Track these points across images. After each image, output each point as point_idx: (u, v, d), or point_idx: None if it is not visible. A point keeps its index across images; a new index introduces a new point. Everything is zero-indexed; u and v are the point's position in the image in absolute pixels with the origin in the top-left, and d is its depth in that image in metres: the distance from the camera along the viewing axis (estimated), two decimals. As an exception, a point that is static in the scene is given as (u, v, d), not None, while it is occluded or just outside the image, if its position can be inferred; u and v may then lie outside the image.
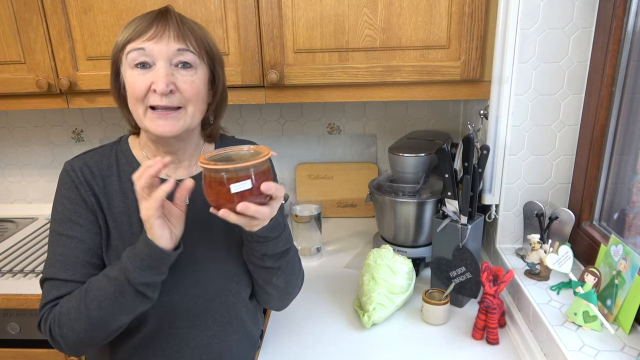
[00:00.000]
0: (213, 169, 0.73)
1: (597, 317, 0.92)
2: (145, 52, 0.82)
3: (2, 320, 1.31)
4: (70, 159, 0.92)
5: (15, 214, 1.82)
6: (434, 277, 1.20)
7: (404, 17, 1.21)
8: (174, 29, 0.84)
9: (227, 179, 0.73)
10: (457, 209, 1.14)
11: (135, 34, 0.83)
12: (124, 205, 0.89)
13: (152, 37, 0.83)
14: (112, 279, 0.79)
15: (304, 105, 1.70)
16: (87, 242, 0.87)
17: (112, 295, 0.79)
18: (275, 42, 1.26)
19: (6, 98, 1.39)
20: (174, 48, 0.83)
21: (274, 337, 1.09)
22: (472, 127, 1.36)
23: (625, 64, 1.05)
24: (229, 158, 0.79)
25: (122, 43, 0.85)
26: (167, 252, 0.78)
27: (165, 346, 0.92)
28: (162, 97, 0.83)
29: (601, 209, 1.15)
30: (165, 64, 0.83)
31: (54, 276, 0.85)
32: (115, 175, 0.91)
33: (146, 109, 0.85)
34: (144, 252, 0.78)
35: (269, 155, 0.77)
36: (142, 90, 0.83)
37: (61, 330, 0.82)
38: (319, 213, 1.44)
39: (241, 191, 0.74)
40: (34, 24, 1.29)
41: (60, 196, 0.89)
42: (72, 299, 0.82)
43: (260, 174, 0.75)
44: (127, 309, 0.81)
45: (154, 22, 0.84)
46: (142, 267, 0.78)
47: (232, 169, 0.73)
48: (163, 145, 0.91)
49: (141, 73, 0.83)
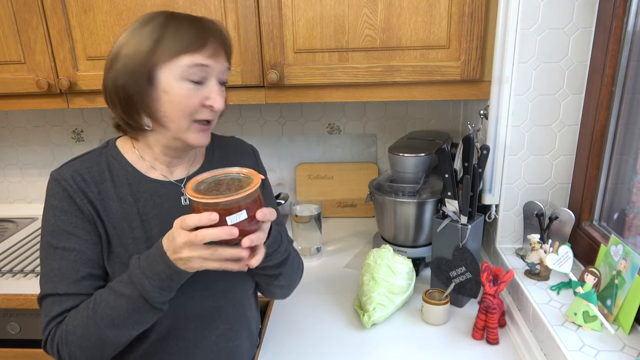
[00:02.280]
0: (205, 203, 0.70)
1: (597, 317, 0.92)
2: (206, 69, 0.82)
3: (2, 320, 1.31)
4: (57, 168, 0.87)
5: (15, 214, 1.82)
6: (434, 277, 1.20)
7: (404, 17, 1.21)
8: (225, 46, 0.85)
9: (221, 211, 0.70)
10: (457, 209, 1.14)
11: (193, 46, 0.80)
12: (122, 210, 0.86)
13: (212, 54, 0.82)
14: (124, 295, 0.77)
15: (304, 105, 1.70)
16: (86, 253, 0.83)
17: (125, 312, 0.77)
18: (275, 42, 1.26)
19: (6, 98, 1.39)
20: (224, 67, 0.85)
21: (274, 337, 1.09)
22: (472, 127, 1.36)
23: (625, 64, 1.05)
24: (217, 182, 0.76)
25: (174, 51, 0.79)
26: (189, 273, 0.77)
27: (174, 348, 0.91)
28: (213, 113, 0.85)
29: (601, 209, 1.15)
30: (217, 81, 0.84)
31: (53, 291, 0.81)
32: (109, 180, 0.87)
33: (191, 122, 0.84)
34: (164, 273, 0.75)
35: (259, 182, 0.74)
36: (195, 105, 0.83)
37: (69, 348, 0.79)
38: (319, 213, 1.44)
39: (237, 222, 0.71)
40: (34, 24, 1.29)
41: (51, 207, 0.84)
42: (78, 317, 0.79)
43: (254, 202, 0.73)
44: (141, 323, 0.80)
45: (208, 36, 0.82)
46: (162, 287, 0.76)
47: (226, 202, 0.69)
48: (180, 151, 0.90)
49: (196, 88, 0.82)
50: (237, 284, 0.95)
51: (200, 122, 0.85)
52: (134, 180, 0.89)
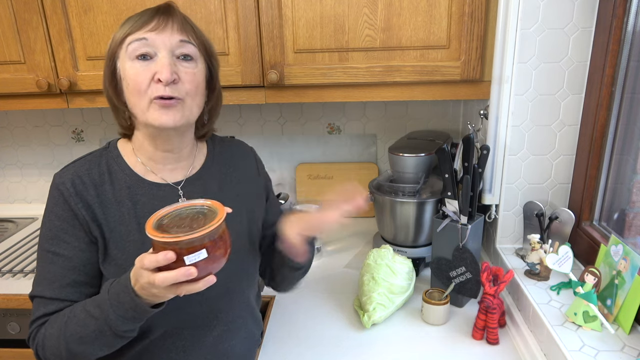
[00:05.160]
0: (164, 242, 0.67)
1: (597, 317, 0.92)
2: (147, 42, 0.81)
3: (2, 320, 1.31)
4: (60, 170, 0.89)
5: (15, 214, 1.82)
6: (434, 277, 1.20)
7: (404, 17, 1.21)
8: (177, 21, 0.84)
9: (179, 250, 0.67)
10: (457, 209, 1.14)
11: (136, 26, 0.82)
12: (119, 213, 0.87)
13: (154, 27, 0.82)
14: (92, 317, 0.77)
15: (304, 105, 1.70)
16: (73, 260, 0.84)
17: (92, 333, 0.77)
18: (275, 42, 1.26)
19: (6, 98, 1.39)
20: (177, 39, 0.83)
21: (274, 337, 1.09)
22: (472, 127, 1.36)
23: (625, 64, 1.05)
24: (182, 216, 0.73)
25: (121, 37, 0.83)
26: (153, 310, 0.76)
27: (171, 347, 0.91)
28: (167, 87, 0.81)
29: (601, 209, 1.15)
30: (168, 54, 0.82)
31: (41, 294, 0.84)
32: (108, 183, 0.88)
33: (150, 101, 0.82)
34: (128, 304, 0.74)
35: (223, 216, 0.71)
36: (145, 81, 0.81)
37: (44, 352, 0.82)
38: (319, 213, 1.44)
39: (196, 262, 0.68)
40: (34, 24, 1.28)
41: (48, 212, 0.86)
42: (54, 326, 0.81)
43: (219, 238, 0.70)
44: (107, 346, 0.80)
45: (156, 14, 0.83)
46: (127, 316, 0.75)
47: (185, 241, 0.66)
48: (162, 140, 0.89)
49: (143, 65, 0.82)
50: (233, 285, 0.95)
51: (158, 99, 0.82)
52: (132, 183, 0.89)
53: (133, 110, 0.85)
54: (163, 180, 0.91)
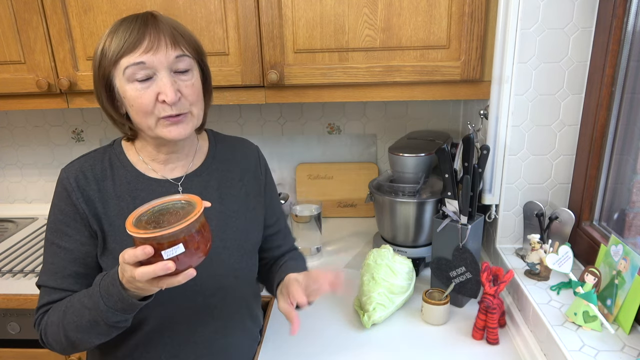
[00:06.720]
0: (141, 238, 0.69)
1: (597, 317, 0.92)
2: (145, 66, 0.81)
3: (2, 320, 1.31)
4: (66, 165, 0.92)
5: (15, 214, 1.82)
6: (434, 277, 1.20)
7: (404, 17, 1.21)
8: (168, 35, 0.83)
9: (157, 245, 0.69)
10: (457, 209, 1.14)
11: (128, 47, 0.80)
12: (119, 208, 0.89)
13: (148, 48, 0.81)
14: (86, 307, 0.80)
15: (304, 105, 1.70)
16: (74, 252, 0.88)
17: (87, 322, 0.80)
18: (275, 42, 1.26)
19: (6, 98, 1.39)
20: (172, 56, 0.83)
21: (274, 336, 1.09)
22: (472, 127, 1.36)
23: (625, 64, 1.05)
24: (162, 212, 0.74)
25: (113, 56, 0.81)
26: (141, 303, 0.78)
27: (167, 341, 0.93)
28: (172, 107, 0.83)
29: (601, 209, 1.15)
30: (167, 74, 0.83)
31: (45, 283, 0.89)
32: (110, 178, 0.91)
33: (157, 119, 0.84)
34: (117, 296, 0.76)
35: (200, 210, 0.72)
36: (150, 103, 0.82)
37: (47, 338, 0.87)
38: (319, 213, 1.44)
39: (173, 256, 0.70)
40: (34, 24, 1.28)
41: (53, 205, 0.90)
42: (55, 314, 0.85)
43: (197, 232, 0.71)
44: (103, 334, 0.82)
45: (145, 31, 0.81)
46: (116, 308, 0.77)
47: (160, 236, 0.68)
48: (168, 147, 0.91)
49: (144, 86, 0.82)
50: (228, 282, 0.96)
51: (166, 118, 0.84)
52: (132, 179, 0.91)
53: (139, 126, 0.87)
54: (163, 177, 0.93)
